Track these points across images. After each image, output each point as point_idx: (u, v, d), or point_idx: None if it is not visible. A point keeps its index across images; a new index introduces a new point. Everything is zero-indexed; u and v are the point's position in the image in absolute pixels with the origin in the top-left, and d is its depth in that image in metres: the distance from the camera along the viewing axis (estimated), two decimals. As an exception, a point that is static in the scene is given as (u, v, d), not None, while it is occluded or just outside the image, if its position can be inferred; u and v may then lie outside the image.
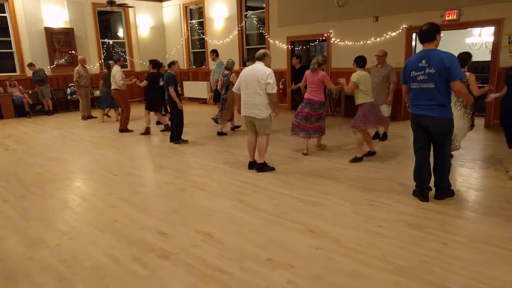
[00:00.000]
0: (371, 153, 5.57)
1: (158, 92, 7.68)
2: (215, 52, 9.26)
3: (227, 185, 4.63)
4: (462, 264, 2.68)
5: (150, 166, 5.61)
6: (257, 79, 4.68)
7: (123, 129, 7.95)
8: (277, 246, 3.02)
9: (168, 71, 6.88)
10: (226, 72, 7.42)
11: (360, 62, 5.39)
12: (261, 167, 5.02)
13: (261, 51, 4.93)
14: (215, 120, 7.86)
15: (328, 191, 4.22)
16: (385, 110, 6.42)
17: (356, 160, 5.33)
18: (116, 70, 7.71)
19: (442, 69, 3.47)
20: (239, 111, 5.13)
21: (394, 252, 2.87)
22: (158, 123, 8.55)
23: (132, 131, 7.96)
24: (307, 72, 5.80)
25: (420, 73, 3.61)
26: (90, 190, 4.60)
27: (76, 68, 9.80)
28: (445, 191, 3.92)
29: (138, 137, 7.53)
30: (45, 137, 7.81)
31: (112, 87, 7.85)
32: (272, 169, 5.05)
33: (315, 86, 5.67)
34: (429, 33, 3.58)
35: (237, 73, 8.43)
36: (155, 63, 7.85)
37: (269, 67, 4.84)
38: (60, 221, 3.65)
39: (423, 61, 3.57)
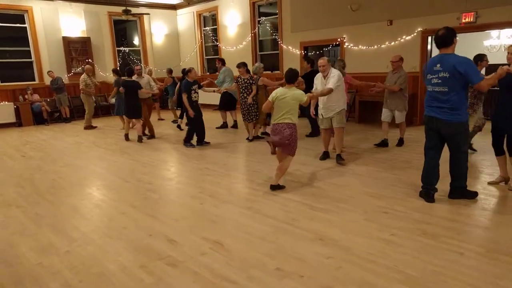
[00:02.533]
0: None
1: (135, 99, 7.69)
2: (221, 61, 9.26)
3: (237, 192, 4.59)
4: (478, 276, 2.56)
5: (161, 173, 5.62)
6: None
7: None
8: (286, 255, 2.96)
9: (186, 78, 6.92)
10: (254, 76, 7.36)
11: (287, 78, 4.48)
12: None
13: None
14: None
15: (340, 198, 4.13)
16: (398, 116, 6.29)
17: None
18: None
19: (457, 74, 3.52)
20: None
21: (407, 262, 2.77)
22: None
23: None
24: None
25: (434, 76, 3.68)
26: (102, 197, 4.63)
27: (82, 76, 9.89)
28: (458, 192, 3.91)
29: (150, 144, 7.59)
30: (61, 144, 7.96)
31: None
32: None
33: None
34: (446, 38, 3.60)
35: (268, 77, 8.50)
36: (128, 72, 7.79)
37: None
38: (71, 228, 3.67)
39: (438, 65, 3.65)
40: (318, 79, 5.45)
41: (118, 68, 11.06)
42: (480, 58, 5.20)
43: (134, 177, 5.34)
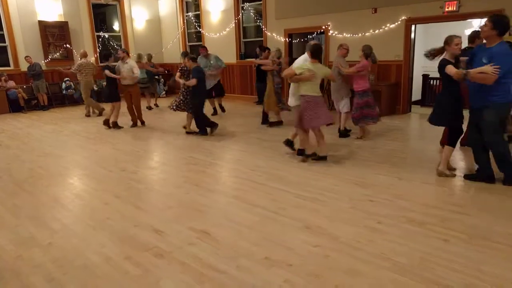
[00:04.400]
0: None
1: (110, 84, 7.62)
2: (205, 49, 9.05)
3: (223, 180, 4.55)
4: (463, 262, 2.61)
5: (145, 162, 5.52)
6: None
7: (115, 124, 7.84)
8: (274, 244, 2.95)
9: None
10: (279, 60, 7.18)
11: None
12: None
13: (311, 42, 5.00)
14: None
15: (326, 187, 4.14)
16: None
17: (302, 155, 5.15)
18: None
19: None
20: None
21: (394, 249, 2.80)
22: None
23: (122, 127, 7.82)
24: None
25: None
26: (84, 187, 4.51)
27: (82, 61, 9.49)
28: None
29: (133, 132, 7.43)
30: (39, 133, 7.70)
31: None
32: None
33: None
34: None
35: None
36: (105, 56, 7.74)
37: None
38: (51, 219, 3.56)
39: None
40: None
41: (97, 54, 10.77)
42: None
43: (117, 166, 5.22)
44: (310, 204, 3.70)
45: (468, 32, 9.05)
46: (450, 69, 3.86)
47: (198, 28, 12.69)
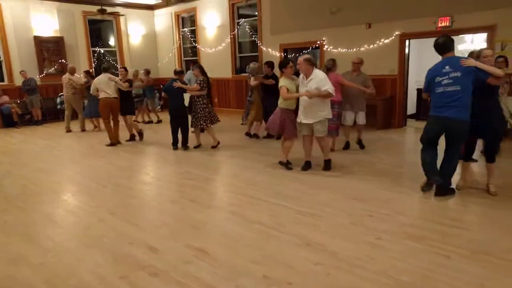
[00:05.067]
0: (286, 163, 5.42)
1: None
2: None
3: (220, 196, 4.48)
4: (465, 278, 2.56)
5: (140, 177, 5.44)
6: None
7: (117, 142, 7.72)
8: (273, 261, 2.88)
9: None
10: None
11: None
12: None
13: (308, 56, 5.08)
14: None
15: (324, 202, 4.09)
16: (362, 117, 6.25)
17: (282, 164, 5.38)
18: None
19: (470, 73, 3.75)
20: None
21: (396, 266, 2.74)
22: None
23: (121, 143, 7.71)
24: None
25: (445, 78, 3.83)
26: (77, 203, 4.41)
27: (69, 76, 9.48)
28: (443, 189, 4.10)
29: (128, 147, 7.35)
30: (32, 148, 7.60)
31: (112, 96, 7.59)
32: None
33: None
34: (449, 44, 3.90)
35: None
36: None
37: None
38: (44, 237, 3.46)
39: (447, 67, 3.83)
40: (301, 77, 5.11)
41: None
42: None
43: (111, 182, 5.13)
44: (309, 220, 3.64)
45: (461, 47, 9.23)
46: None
47: (193, 43, 12.76)
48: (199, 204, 4.18)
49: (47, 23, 11.35)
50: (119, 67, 8.40)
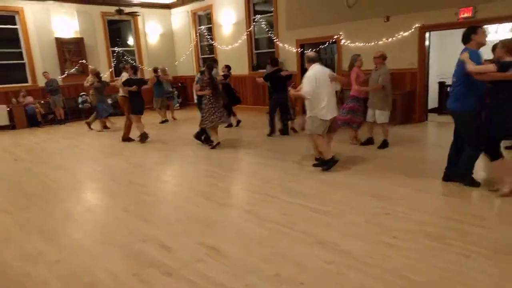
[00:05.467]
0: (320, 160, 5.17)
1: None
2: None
3: (235, 194, 4.47)
4: (486, 280, 2.46)
5: (157, 175, 5.49)
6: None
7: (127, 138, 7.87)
8: (284, 260, 2.84)
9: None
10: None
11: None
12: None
13: (311, 53, 5.07)
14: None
15: (339, 200, 4.01)
16: (379, 115, 5.96)
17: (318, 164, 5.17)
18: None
19: (459, 62, 3.87)
20: None
21: (411, 266, 2.65)
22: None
23: (133, 140, 7.80)
24: None
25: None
26: (95, 201, 4.50)
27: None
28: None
29: (146, 145, 7.44)
30: (55, 147, 7.80)
31: (121, 94, 7.85)
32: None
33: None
34: (464, 37, 3.93)
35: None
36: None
37: None
38: (62, 234, 3.54)
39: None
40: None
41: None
42: None
43: (128, 179, 5.20)
44: (323, 218, 3.58)
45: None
46: None
47: (210, 41, 12.79)
48: (214, 202, 4.18)
49: (67, 25, 11.62)
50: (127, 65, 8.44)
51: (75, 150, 7.41)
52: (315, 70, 4.81)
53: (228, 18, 11.90)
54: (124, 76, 7.76)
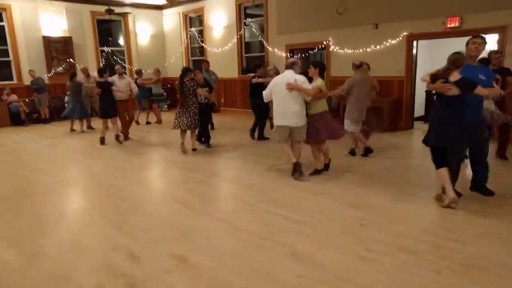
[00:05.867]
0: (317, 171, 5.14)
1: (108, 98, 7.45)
2: (207, 62, 9.24)
3: (212, 201, 4.40)
4: (456, 297, 2.42)
5: (136, 178, 5.39)
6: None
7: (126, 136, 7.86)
8: (256, 272, 2.78)
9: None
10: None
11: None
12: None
13: (291, 59, 5.08)
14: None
15: (318, 209, 3.97)
16: (347, 124, 5.84)
17: (316, 172, 5.11)
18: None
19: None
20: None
21: (383, 282, 2.61)
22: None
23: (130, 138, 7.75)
24: None
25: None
26: (71, 205, 4.40)
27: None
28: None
29: (129, 147, 7.33)
30: (35, 147, 7.66)
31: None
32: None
33: None
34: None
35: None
36: (99, 71, 7.56)
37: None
38: (29, 241, 3.43)
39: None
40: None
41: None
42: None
43: (107, 183, 5.10)
44: (300, 228, 3.53)
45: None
46: None
47: (201, 43, 12.72)
48: (191, 209, 4.11)
49: (55, 23, 11.46)
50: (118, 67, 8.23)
51: (56, 151, 7.28)
52: (279, 76, 4.99)
53: (219, 21, 11.85)
54: (128, 79, 7.78)
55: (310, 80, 4.94)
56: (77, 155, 6.88)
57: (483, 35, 4.10)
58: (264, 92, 5.06)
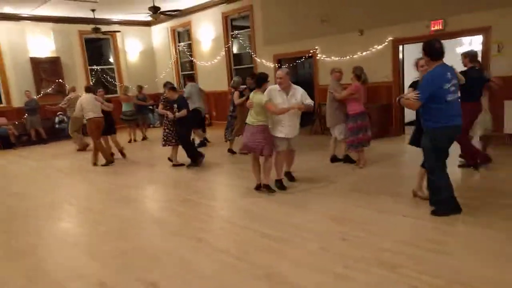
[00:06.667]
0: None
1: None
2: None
3: (190, 220, 4.24)
4: (435, 316, 2.26)
5: (116, 199, 5.21)
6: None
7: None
8: (225, 297, 2.63)
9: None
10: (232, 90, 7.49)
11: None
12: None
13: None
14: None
15: (299, 225, 3.81)
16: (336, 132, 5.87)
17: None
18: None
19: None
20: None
21: (357, 302, 2.46)
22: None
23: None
24: None
25: (451, 84, 3.60)
26: (44, 231, 4.24)
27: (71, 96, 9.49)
28: None
29: (116, 167, 7.21)
30: (22, 170, 7.55)
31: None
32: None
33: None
34: (444, 50, 3.65)
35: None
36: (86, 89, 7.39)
37: None
38: (-5, 272, 3.29)
39: (449, 74, 3.61)
40: (274, 92, 4.78)
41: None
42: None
43: (85, 205, 4.98)
44: (277, 246, 3.38)
45: (460, 50, 8.86)
46: None
47: (190, 57, 12.70)
48: (168, 230, 3.97)
49: (43, 44, 11.49)
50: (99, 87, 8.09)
51: (42, 174, 7.16)
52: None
53: (207, 34, 11.84)
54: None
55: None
56: (64, 178, 6.75)
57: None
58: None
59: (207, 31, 11.82)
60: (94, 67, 12.89)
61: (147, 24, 13.54)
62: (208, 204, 4.76)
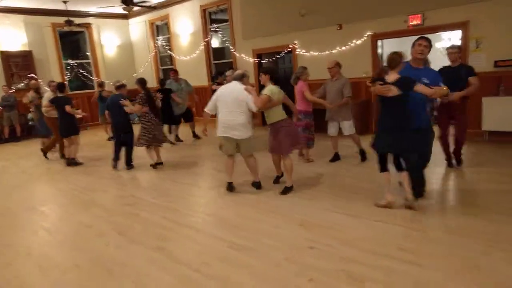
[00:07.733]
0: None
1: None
2: (176, 72, 8.83)
3: (153, 226, 4.00)
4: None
5: (75, 202, 4.95)
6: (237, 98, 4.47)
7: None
8: (177, 318, 2.43)
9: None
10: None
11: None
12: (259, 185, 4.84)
13: (239, 71, 4.78)
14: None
15: (266, 231, 3.63)
16: (347, 127, 5.78)
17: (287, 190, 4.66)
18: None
19: None
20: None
21: (316, 323, 2.28)
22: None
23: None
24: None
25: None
26: (-3, 240, 3.96)
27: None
28: None
29: (86, 168, 6.91)
30: (-14, 171, 7.19)
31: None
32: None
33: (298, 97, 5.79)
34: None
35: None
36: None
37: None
38: None
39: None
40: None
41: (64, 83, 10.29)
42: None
43: (44, 210, 4.69)
44: (240, 256, 3.18)
45: (439, 45, 8.77)
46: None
47: (169, 51, 12.34)
48: (127, 238, 3.73)
49: (14, 37, 10.99)
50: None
51: (5, 175, 6.81)
52: (224, 87, 4.73)
53: (185, 28, 11.51)
54: (48, 95, 7.19)
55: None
56: (27, 179, 6.42)
57: (429, 39, 3.83)
58: (208, 104, 4.72)
59: (185, 25, 11.48)
60: (69, 61, 12.43)
61: (124, 17, 13.10)
62: (175, 208, 4.51)
